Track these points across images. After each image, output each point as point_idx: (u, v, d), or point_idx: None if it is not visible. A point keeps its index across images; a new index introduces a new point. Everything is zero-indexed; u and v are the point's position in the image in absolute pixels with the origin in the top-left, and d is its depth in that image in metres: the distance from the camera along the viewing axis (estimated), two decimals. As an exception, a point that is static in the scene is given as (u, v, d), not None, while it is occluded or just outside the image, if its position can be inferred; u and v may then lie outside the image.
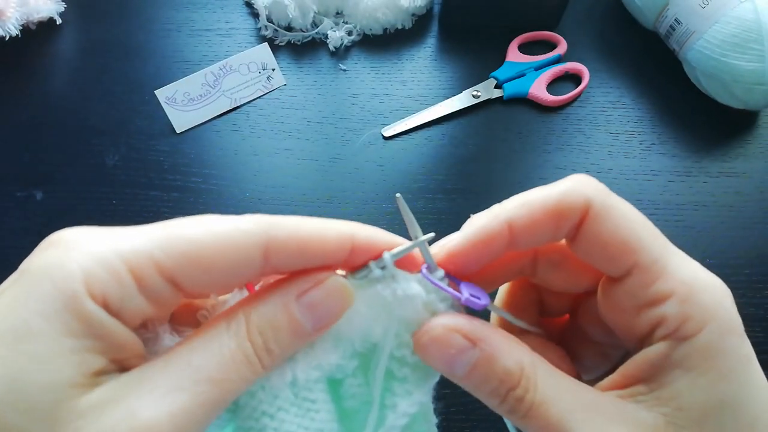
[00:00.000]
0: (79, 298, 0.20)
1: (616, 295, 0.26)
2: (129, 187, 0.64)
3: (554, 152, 0.67)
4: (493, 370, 0.24)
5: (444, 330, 0.25)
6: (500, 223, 0.26)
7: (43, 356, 0.20)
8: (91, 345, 0.21)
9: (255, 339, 0.23)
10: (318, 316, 0.25)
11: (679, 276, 0.24)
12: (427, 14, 0.77)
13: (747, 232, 0.63)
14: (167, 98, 0.67)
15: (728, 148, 0.68)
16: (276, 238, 0.23)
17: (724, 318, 0.24)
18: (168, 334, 0.26)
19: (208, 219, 0.23)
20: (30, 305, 0.20)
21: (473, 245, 0.26)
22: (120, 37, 0.75)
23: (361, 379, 0.28)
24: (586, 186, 0.26)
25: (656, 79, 0.72)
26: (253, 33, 0.75)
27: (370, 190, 0.64)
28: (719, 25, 0.63)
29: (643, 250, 0.25)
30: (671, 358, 0.24)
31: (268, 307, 0.24)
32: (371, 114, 0.70)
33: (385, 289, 0.26)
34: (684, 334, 0.24)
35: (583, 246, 0.26)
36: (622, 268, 0.25)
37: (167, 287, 0.22)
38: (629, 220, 0.25)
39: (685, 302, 0.24)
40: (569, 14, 0.75)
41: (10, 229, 0.61)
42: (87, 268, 0.21)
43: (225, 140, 0.68)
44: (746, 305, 0.59)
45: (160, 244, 0.22)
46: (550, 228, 0.26)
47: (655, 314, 0.24)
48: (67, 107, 0.69)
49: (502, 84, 0.70)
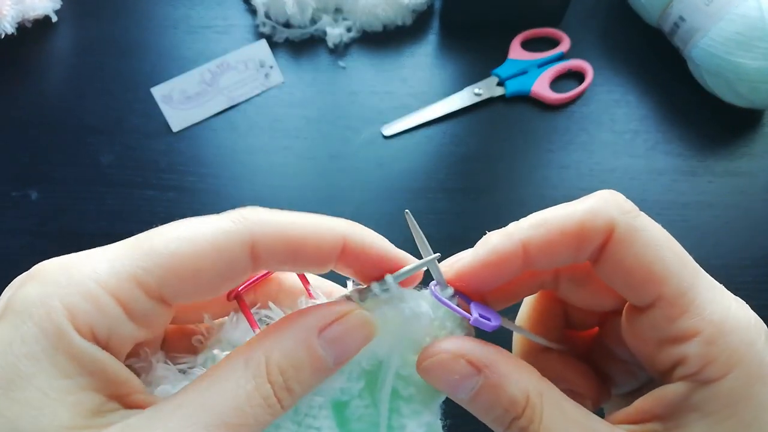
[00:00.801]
0: (66, 334, 0.20)
1: (639, 324, 0.25)
2: (124, 187, 0.63)
3: (557, 151, 0.66)
4: (497, 397, 0.23)
5: (448, 355, 0.24)
6: (514, 243, 0.25)
7: (37, 401, 0.19)
8: (85, 383, 0.20)
9: (275, 379, 0.22)
10: (340, 351, 0.23)
11: (708, 313, 0.23)
12: (427, 11, 0.76)
13: (753, 233, 0.62)
14: (163, 96, 0.66)
15: (733, 147, 0.67)
16: (263, 237, 0.22)
17: (753, 362, 0.22)
18: (161, 362, 0.25)
19: (187, 224, 0.22)
20: (15, 349, 0.19)
21: (484, 266, 0.25)
22: (116, 34, 0.74)
23: (367, 400, 0.26)
24: (611, 205, 0.24)
25: (660, 77, 0.72)
26: (251, 30, 0.74)
27: (370, 189, 0.64)
28: (724, 22, 0.62)
29: (669, 281, 0.23)
30: (690, 400, 0.23)
31: (288, 344, 0.22)
32: (371, 112, 0.69)
33: (393, 308, 0.25)
34: (706, 377, 0.22)
35: (606, 270, 0.25)
36: (645, 298, 0.24)
37: (155, 306, 0.22)
38: (656, 246, 0.23)
39: (710, 344, 0.22)
40: (572, 11, 0.74)
41: (6, 228, 0.60)
42: (69, 302, 0.20)
43: (222, 139, 0.67)
44: (752, 306, 0.58)
45: (140, 262, 0.21)
46: (569, 250, 0.25)
47: (677, 352, 0.23)
48: (62, 106, 0.69)
49: (505, 82, 0.70)
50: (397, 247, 0.27)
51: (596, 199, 0.24)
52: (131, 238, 0.22)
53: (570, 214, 0.24)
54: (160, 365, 0.24)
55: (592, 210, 0.24)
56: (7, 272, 0.21)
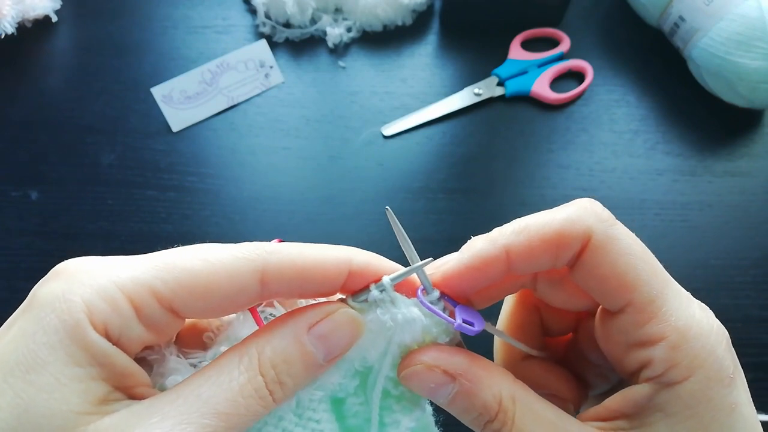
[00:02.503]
0: (82, 328, 0.21)
1: (610, 327, 0.26)
2: (124, 187, 0.63)
3: (557, 151, 0.66)
4: (471, 403, 0.25)
5: (423, 366, 0.26)
6: (498, 248, 0.26)
7: (51, 386, 0.21)
8: (96, 372, 0.22)
9: (267, 372, 0.23)
10: (329, 347, 0.25)
11: (673, 320, 0.24)
12: (427, 11, 0.76)
13: (752, 233, 0.62)
14: (163, 96, 0.66)
15: (733, 147, 0.67)
16: (273, 265, 0.24)
17: (713, 367, 0.24)
18: (174, 356, 0.26)
19: (206, 248, 0.24)
20: (37, 337, 0.21)
21: (469, 270, 0.27)
22: (116, 34, 0.74)
23: (362, 397, 0.28)
24: (589, 214, 0.25)
25: (660, 77, 0.72)
26: (251, 30, 0.74)
27: (370, 189, 0.64)
28: (724, 22, 0.62)
29: (639, 289, 0.25)
30: (654, 400, 0.24)
31: (279, 340, 0.24)
32: (371, 112, 0.69)
33: (385, 313, 0.26)
34: (669, 380, 0.24)
35: (581, 276, 0.26)
36: (617, 304, 0.25)
37: (166, 315, 0.23)
38: (629, 255, 0.25)
39: (674, 348, 0.24)
40: (572, 11, 0.74)
41: (6, 228, 0.60)
42: (88, 300, 0.22)
43: (222, 139, 0.67)
44: (751, 306, 0.58)
45: (158, 273, 0.23)
46: (548, 257, 0.26)
47: (644, 355, 0.25)
48: (62, 105, 0.69)
49: (504, 82, 0.70)
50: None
51: (575, 208, 0.26)
52: (156, 252, 0.24)
53: (549, 222, 0.25)
54: (172, 358, 0.26)
55: (570, 218, 0.25)
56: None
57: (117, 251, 0.60)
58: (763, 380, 0.55)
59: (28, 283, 0.66)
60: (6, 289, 0.57)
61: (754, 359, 0.56)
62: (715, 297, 0.58)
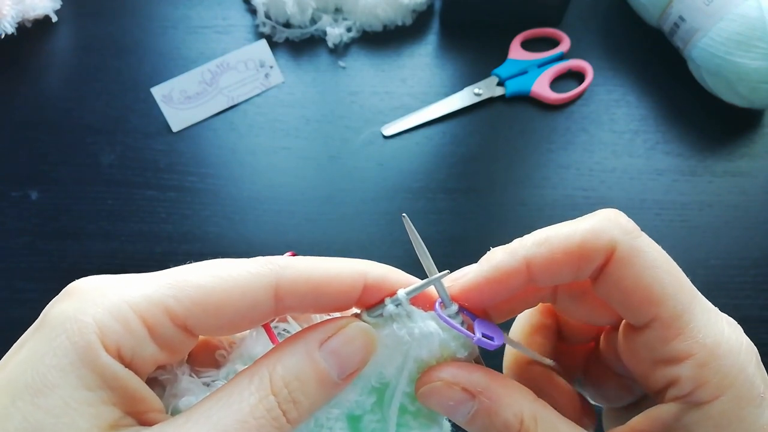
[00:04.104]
0: (94, 350, 0.21)
1: (635, 343, 0.26)
2: (124, 187, 0.63)
3: (557, 151, 0.66)
4: (492, 421, 0.25)
5: (443, 383, 0.25)
6: (518, 261, 0.25)
7: (60, 410, 0.20)
8: (107, 396, 0.21)
9: (279, 391, 0.23)
10: (342, 362, 0.24)
11: (701, 336, 0.23)
12: (427, 11, 0.76)
13: (752, 233, 0.62)
14: (163, 96, 0.66)
15: (733, 147, 0.67)
16: (287, 280, 0.24)
17: (744, 386, 0.23)
18: (186, 375, 0.26)
19: (218, 264, 0.24)
20: (47, 360, 0.21)
21: (489, 282, 0.26)
22: (116, 34, 0.74)
23: (378, 414, 0.28)
24: (613, 225, 0.25)
25: (660, 77, 0.72)
26: (251, 30, 0.74)
27: (370, 189, 0.64)
28: (724, 22, 0.62)
29: (665, 303, 0.24)
30: (682, 421, 0.23)
31: (290, 357, 0.23)
32: (371, 112, 0.69)
33: (402, 328, 0.26)
34: (698, 399, 0.23)
35: (605, 289, 0.25)
36: (642, 319, 0.25)
37: (179, 333, 0.23)
38: (655, 268, 0.24)
39: (703, 366, 0.23)
40: (572, 11, 0.74)
41: (6, 228, 0.60)
42: (100, 320, 0.21)
43: (222, 139, 0.67)
44: (751, 306, 0.58)
45: (171, 291, 0.23)
46: (571, 269, 0.25)
47: (671, 373, 0.24)
48: (62, 106, 0.69)
49: (505, 82, 0.70)
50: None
51: (599, 219, 0.25)
52: (168, 269, 0.24)
53: (572, 234, 0.25)
54: (185, 378, 0.26)
55: (594, 230, 0.25)
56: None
57: (117, 251, 0.61)
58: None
59: (28, 283, 0.66)
60: (6, 288, 0.57)
61: (754, 359, 0.56)
62: (714, 297, 0.57)
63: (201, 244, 0.60)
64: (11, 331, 0.24)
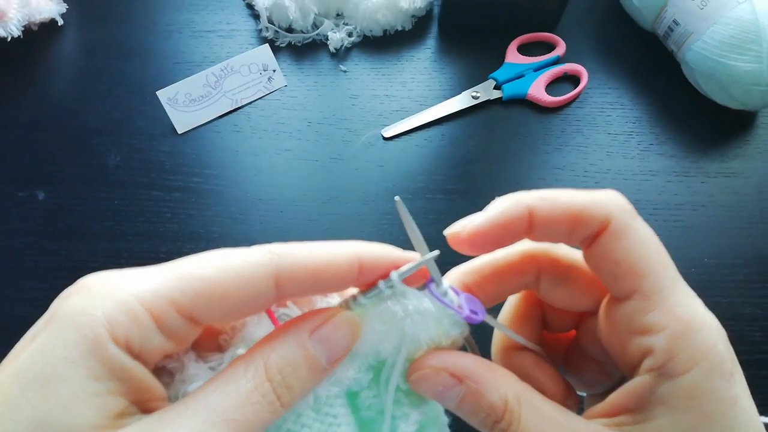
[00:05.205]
0: (103, 342, 0.22)
1: (615, 315, 0.27)
2: (130, 188, 0.64)
3: (553, 153, 0.68)
4: (478, 404, 0.26)
5: (431, 370, 0.27)
6: (522, 208, 0.27)
7: (68, 400, 0.21)
8: (114, 387, 0.22)
9: (274, 377, 0.24)
10: (330, 349, 0.26)
11: (678, 312, 0.25)
12: (426, 16, 0.77)
13: (745, 232, 0.63)
14: (169, 99, 0.67)
15: (726, 148, 0.68)
16: (286, 267, 0.25)
17: (715, 360, 0.24)
18: (193, 361, 0.27)
19: (219, 254, 0.25)
20: (57, 352, 0.21)
21: (494, 226, 0.27)
22: (121, 38, 0.75)
23: (375, 390, 0.29)
24: (612, 202, 0.26)
25: (655, 80, 0.73)
26: (254, 34, 0.76)
27: (371, 190, 0.65)
28: (717, 26, 0.63)
29: (648, 277, 0.25)
30: (656, 393, 0.25)
31: (284, 346, 0.25)
32: (371, 115, 0.70)
33: (396, 305, 0.27)
34: (671, 371, 0.24)
35: (595, 257, 0.27)
36: (624, 289, 0.26)
37: (185, 324, 0.24)
38: (645, 245, 0.26)
39: (676, 339, 0.24)
40: (568, 15, 0.76)
41: (12, 228, 0.61)
42: (109, 314, 0.22)
43: (226, 141, 0.68)
44: (744, 305, 0.59)
45: (177, 284, 0.23)
46: (566, 228, 0.27)
47: (645, 343, 0.25)
48: (69, 108, 0.70)
49: (501, 85, 0.71)
50: (397, 245, 0.28)
51: (602, 193, 0.27)
52: (173, 261, 0.25)
53: (574, 197, 0.27)
54: (192, 364, 0.26)
55: (595, 200, 0.26)
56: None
57: (122, 250, 0.62)
58: (756, 377, 0.56)
59: (34, 282, 0.66)
60: (12, 287, 0.57)
61: (747, 357, 0.56)
62: (708, 295, 0.58)
63: (205, 243, 0.61)
64: (17, 329, 0.24)
